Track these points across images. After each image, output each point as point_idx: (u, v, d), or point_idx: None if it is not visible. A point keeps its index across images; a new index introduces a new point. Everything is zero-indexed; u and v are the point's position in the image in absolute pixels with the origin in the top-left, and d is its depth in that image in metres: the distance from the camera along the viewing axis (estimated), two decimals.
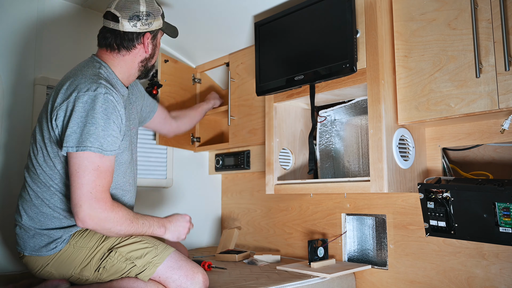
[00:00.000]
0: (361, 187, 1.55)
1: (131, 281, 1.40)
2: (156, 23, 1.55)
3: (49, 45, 2.03)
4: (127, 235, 1.43)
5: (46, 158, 1.42)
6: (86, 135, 1.31)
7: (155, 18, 1.54)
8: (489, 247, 1.52)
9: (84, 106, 1.33)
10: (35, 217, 1.44)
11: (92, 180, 1.31)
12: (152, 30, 1.55)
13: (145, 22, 1.51)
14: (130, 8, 1.49)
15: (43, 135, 1.42)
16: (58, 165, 1.41)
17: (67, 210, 1.44)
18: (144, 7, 1.50)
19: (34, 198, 1.44)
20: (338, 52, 1.60)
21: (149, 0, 1.53)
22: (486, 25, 1.33)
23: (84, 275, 1.43)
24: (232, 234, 2.27)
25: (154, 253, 1.42)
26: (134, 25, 1.49)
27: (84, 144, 1.30)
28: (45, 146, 1.42)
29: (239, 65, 2.26)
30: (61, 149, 1.35)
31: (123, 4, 1.49)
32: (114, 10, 1.49)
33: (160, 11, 1.57)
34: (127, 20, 1.48)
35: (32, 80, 1.95)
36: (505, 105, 1.28)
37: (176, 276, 1.41)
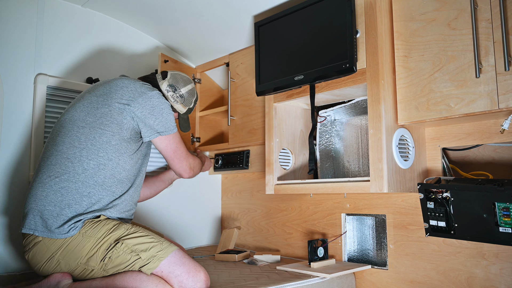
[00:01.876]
0: (361, 187, 1.55)
1: (134, 274, 1.43)
2: (180, 107, 1.83)
3: (49, 45, 2.03)
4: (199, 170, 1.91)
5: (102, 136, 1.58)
6: (170, 121, 1.68)
7: (183, 104, 1.83)
8: (489, 247, 1.52)
9: (160, 100, 1.65)
10: (58, 194, 1.50)
11: (183, 149, 1.78)
12: (172, 106, 1.81)
13: (175, 97, 1.80)
14: (178, 82, 1.82)
15: (95, 111, 1.60)
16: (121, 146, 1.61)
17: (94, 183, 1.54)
18: (185, 91, 1.83)
19: (64, 174, 1.53)
20: (338, 52, 1.60)
21: (191, 92, 1.86)
22: (486, 25, 1.33)
23: (90, 265, 1.47)
24: (232, 234, 2.27)
25: (159, 247, 1.47)
26: (167, 90, 1.79)
27: (171, 129, 1.69)
28: (99, 129, 1.58)
29: (239, 65, 2.26)
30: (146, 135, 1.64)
31: (177, 76, 1.84)
32: (170, 73, 1.83)
33: (191, 105, 1.88)
34: (168, 85, 1.80)
35: (32, 80, 1.95)
36: (505, 105, 1.28)
37: (178, 272, 1.44)
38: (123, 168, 1.61)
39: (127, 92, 1.61)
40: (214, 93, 2.64)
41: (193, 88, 1.87)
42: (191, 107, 1.87)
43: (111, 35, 2.27)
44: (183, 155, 1.77)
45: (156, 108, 1.63)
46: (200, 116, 2.55)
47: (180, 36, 2.33)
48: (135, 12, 2.19)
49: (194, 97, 1.88)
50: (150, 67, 2.41)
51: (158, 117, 1.63)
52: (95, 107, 1.60)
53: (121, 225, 1.53)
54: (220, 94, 2.67)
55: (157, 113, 1.63)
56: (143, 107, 1.60)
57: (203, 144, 2.53)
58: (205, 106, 2.59)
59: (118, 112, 1.58)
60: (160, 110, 1.64)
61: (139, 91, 1.63)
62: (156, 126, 1.63)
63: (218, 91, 2.67)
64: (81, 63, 2.14)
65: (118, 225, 1.52)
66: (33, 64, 1.97)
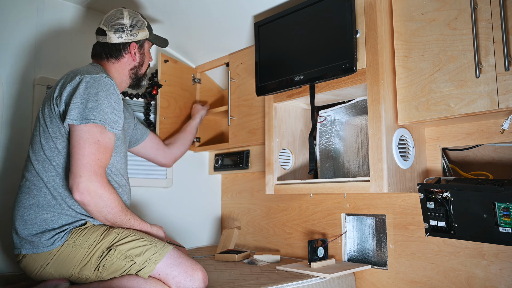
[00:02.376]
0: (361, 187, 1.55)
1: (131, 278, 1.41)
2: (141, 33, 1.72)
3: (49, 45, 2.03)
4: (112, 223, 1.48)
5: (48, 140, 1.48)
6: (90, 109, 1.40)
7: (139, 29, 1.71)
8: (489, 247, 1.52)
9: (87, 85, 1.44)
10: (34, 219, 1.46)
11: (92, 152, 1.39)
12: (138, 40, 1.71)
13: (130, 33, 1.68)
14: (115, 22, 1.67)
15: (45, 120, 1.50)
16: (59, 144, 1.48)
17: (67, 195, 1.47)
18: (128, 20, 1.69)
19: (33, 189, 1.48)
20: (338, 52, 1.60)
21: (132, 13, 1.72)
22: (486, 25, 1.33)
23: (84, 274, 1.44)
24: (232, 234, 2.27)
25: (153, 250, 1.43)
26: (119, 36, 1.67)
27: (87, 117, 1.40)
28: (46, 128, 1.49)
29: (239, 65, 2.26)
30: (63, 122, 1.44)
31: (109, 19, 1.69)
32: (102, 25, 1.69)
33: (145, 23, 1.74)
34: (113, 32, 1.66)
35: (32, 80, 1.95)
36: (505, 105, 1.28)
37: (175, 273, 1.42)
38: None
39: (61, 83, 1.53)
40: (214, 93, 2.64)
41: (127, 11, 1.70)
42: (147, 24, 1.75)
43: None
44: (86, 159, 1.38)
45: (79, 91, 1.43)
46: None
47: (180, 36, 2.33)
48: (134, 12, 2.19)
49: (138, 14, 1.74)
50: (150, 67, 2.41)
51: (77, 102, 1.42)
52: (42, 114, 1.54)
53: (111, 230, 1.48)
54: (220, 94, 2.67)
55: (77, 98, 1.43)
56: (68, 92, 1.46)
57: (203, 144, 2.53)
58: None
59: (51, 109, 1.50)
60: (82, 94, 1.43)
61: (72, 75, 1.51)
62: (71, 111, 1.40)
63: (218, 91, 2.67)
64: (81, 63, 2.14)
65: (108, 230, 1.47)
66: (33, 65, 1.97)
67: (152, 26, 2.31)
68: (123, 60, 1.70)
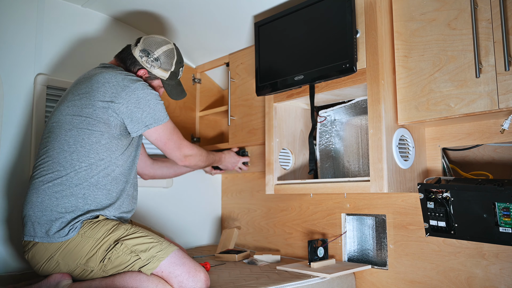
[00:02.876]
0: (361, 187, 1.55)
1: (134, 275, 1.43)
2: (159, 71, 1.73)
3: (49, 45, 2.03)
4: (206, 165, 1.92)
5: (87, 134, 1.55)
6: (159, 112, 1.62)
7: (160, 67, 1.73)
8: (489, 247, 1.52)
9: (143, 92, 1.58)
10: (54, 207, 1.49)
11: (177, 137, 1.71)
12: (150, 72, 1.72)
13: (149, 61, 1.71)
14: (150, 45, 1.72)
15: (80, 112, 1.56)
16: (104, 139, 1.57)
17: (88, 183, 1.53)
18: (159, 53, 1.72)
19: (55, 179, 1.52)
20: (338, 52, 1.60)
21: (168, 54, 1.74)
22: (486, 25, 1.33)
23: (89, 265, 1.47)
24: (232, 234, 2.27)
25: (158, 248, 1.46)
26: (140, 56, 1.70)
27: (161, 119, 1.63)
28: (87, 128, 1.55)
29: (239, 65, 2.26)
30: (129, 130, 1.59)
31: (150, 39, 1.74)
32: (143, 37, 1.74)
33: (172, 68, 1.75)
34: (140, 50, 1.71)
35: (32, 80, 1.95)
36: (505, 105, 1.28)
37: (178, 272, 1.44)
38: (116, 165, 1.59)
39: (109, 88, 1.55)
40: (214, 93, 2.64)
41: (170, 49, 1.74)
42: (173, 70, 1.76)
43: (111, 35, 2.27)
44: (176, 144, 1.70)
45: (141, 100, 1.57)
46: (200, 116, 2.56)
47: (180, 36, 2.33)
48: (135, 12, 2.19)
49: (174, 58, 1.75)
50: None
51: (146, 109, 1.57)
52: (80, 108, 1.56)
53: (121, 225, 1.52)
54: (220, 94, 2.67)
55: (143, 105, 1.57)
56: (128, 101, 1.55)
57: (203, 144, 2.53)
58: (205, 106, 2.59)
59: (103, 111, 1.54)
60: (146, 101, 1.58)
61: (122, 85, 1.56)
62: (144, 118, 1.58)
63: (218, 91, 2.67)
64: (81, 63, 2.14)
65: (117, 225, 1.52)
66: (33, 64, 1.97)
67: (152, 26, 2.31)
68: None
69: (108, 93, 1.55)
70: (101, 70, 1.63)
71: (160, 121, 1.61)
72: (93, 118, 1.54)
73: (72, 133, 1.55)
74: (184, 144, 1.74)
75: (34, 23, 1.99)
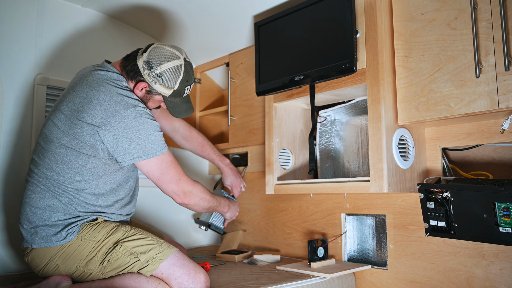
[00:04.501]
0: (361, 187, 1.55)
1: (133, 277, 1.42)
2: (161, 88, 1.56)
3: (49, 45, 2.03)
4: (208, 208, 1.70)
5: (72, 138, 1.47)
6: (151, 144, 1.48)
7: (162, 84, 1.55)
8: (489, 247, 1.52)
9: (134, 121, 1.45)
10: (45, 209, 1.48)
11: (175, 172, 1.56)
12: (151, 86, 1.56)
13: (151, 76, 1.54)
14: (155, 58, 1.53)
15: (69, 131, 1.47)
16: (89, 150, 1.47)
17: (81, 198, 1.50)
18: (163, 69, 1.53)
19: (45, 186, 1.50)
20: (338, 52, 1.60)
21: (173, 71, 1.54)
22: (486, 25, 1.33)
23: (89, 268, 1.46)
24: (237, 236, 2.27)
25: (158, 249, 1.46)
26: (143, 68, 1.54)
27: (152, 152, 1.50)
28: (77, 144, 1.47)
29: (239, 65, 2.26)
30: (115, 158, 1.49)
31: (157, 51, 1.55)
32: (151, 47, 1.56)
33: (175, 86, 1.57)
34: (144, 61, 1.54)
35: (32, 80, 1.95)
36: (505, 105, 1.28)
37: (178, 274, 1.44)
38: (104, 187, 1.54)
39: (99, 112, 1.44)
40: (214, 93, 2.64)
41: (177, 66, 1.55)
42: (176, 89, 1.57)
43: (111, 35, 2.27)
44: (173, 179, 1.54)
45: (131, 130, 1.43)
46: (200, 116, 2.55)
47: (180, 36, 2.33)
48: (135, 12, 2.19)
49: (180, 77, 1.56)
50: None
51: (134, 139, 1.44)
52: (69, 126, 1.47)
53: (120, 227, 1.52)
54: (220, 94, 2.67)
55: (132, 135, 1.43)
56: (116, 129, 1.43)
57: None
58: (205, 106, 2.59)
59: (90, 134, 1.44)
60: (136, 131, 1.44)
61: (113, 110, 1.43)
62: (132, 150, 1.45)
63: (218, 91, 2.67)
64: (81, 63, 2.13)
65: (117, 227, 1.51)
66: (33, 64, 1.97)
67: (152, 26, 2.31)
68: (130, 83, 1.58)
69: (97, 117, 1.44)
70: (99, 85, 1.49)
71: (151, 154, 1.47)
72: (81, 140, 1.45)
73: (61, 151, 1.48)
74: (183, 180, 1.57)
75: (34, 23, 1.99)
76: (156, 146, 1.48)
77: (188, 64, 1.60)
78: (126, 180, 1.62)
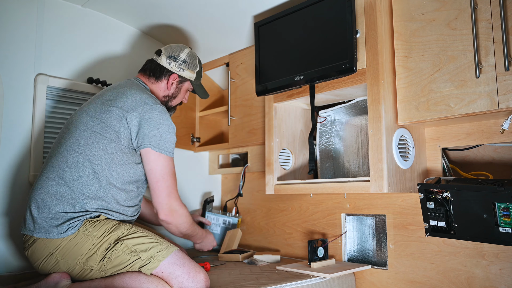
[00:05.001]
0: (361, 187, 1.55)
1: (134, 276, 1.43)
2: (188, 73, 1.82)
3: (49, 45, 2.03)
4: (184, 234, 1.71)
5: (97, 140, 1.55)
6: (166, 142, 1.58)
7: (188, 69, 1.82)
8: (489, 247, 1.52)
9: (160, 115, 1.58)
10: (53, 206, 1.50)
11: (173, 183, 1.61)
12: (181, 75, 1.81)
13: (179, 65, 1.79)
14: (173, 51, 1.81)
15: (97, 115, 1.58)
16: (110, 149, 1.55)
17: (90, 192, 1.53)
18: (184, 56, 1.82)
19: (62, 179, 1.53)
20: (338, 52, 1.60)
21: (192, 55, 1.85)
22: (486, 25, 1.33)
23: (89, 264, 1.47)
24: (236, 235, 2.27)
25: (159, 248, 1.47)
26: (169, 62, 1.79)
27: (165, 150, 1.58)
28: (98, 131, 1.56)
29: (239, 65, 2.26)
30: (134, 145, 1.57)
31: (171, 47, 1.83)
32: (162, 48, 1.82)
33: (197, 68, 1.85)
34: (166, 57, 1.79)
35: (32, 80, 1.95)
36: (505, 105, 1.28)
37: (178, 273, 1.44)
38: (118, 178, 1.56)
39: (130, 101, 1.59)
40: (214, 93, 2.64)
41: (190, 51, 1.85)
42: (198, 70, 1.86)
43: (111, 35, 2.27)
44: (168, 190, 1.57)
45: (154, 120, 1.56)
46: (200, 116, 2.55)
47: (180, 36, 2.33)
48: (135, 12, 2.19)
49: (197, 58, 1.86)
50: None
51: (154, 130, 1.56)
52: (99, 112, 1.59)
53: (121, 225, 1.53)
54: (220, 94, 2.67)
55: (154, 125, 1.56)
56: (142, 116, 1.56)
57: (203, 144, 2.53)
58: (205, 106, 2.59)
59: (117, 119, 1.56)
60: (158, 124, 1.57)
61: (143, 101, 1.59)
62: (151, 138, 1.55)
63: (218, 91, 2.67)
64: (81, 63, 2.14)
65: (118, 225, 1.52)
66: (33, 64, 1.97)
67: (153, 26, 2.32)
68: (160, 84, 1.79)
69: (127, 104, 1.58)
70: (132, 85, 1.69)
71: (163, 150, 1.57)
72: (107, 124, 1.55)
73: (85, 134, 1.56)
74: (174, 195, 1.60)
75: (34, 23, 1.99)
76: (168, 146, 1.59)
77: None
78: (138, 180, 1.63)
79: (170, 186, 1.59)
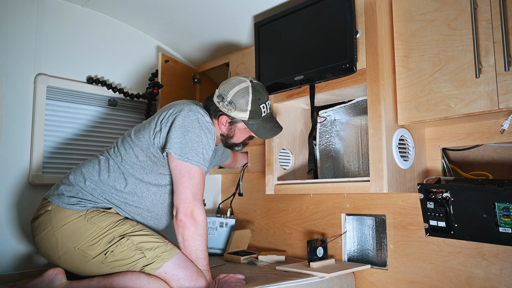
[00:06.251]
0: (361, 187, 1.55)
1: (134, 276, 1.42)
2: (238, 114, 1.64)
3: (49, 45, 2.03)
4: (191, 250, 1.50)
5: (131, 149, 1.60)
6: (190, 150, 1.52)
7: (236, 109, 1.63)
8: (489, 247, 1.52)
9: (190, 123, 1.55)
10: (84, 175, 1.57)
11: (198, 186, 1.53)
12: (231, 116, 1.66)
13: (225, 106, 1.64)
14: (224, 89, 1.66)
15: (139, 135, 1.61)
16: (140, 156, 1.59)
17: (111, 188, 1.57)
18: (232, 95, 1.63)
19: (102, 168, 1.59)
20: (338, 52, 1.60)
21: (242, 93, 1.63)
22: (486, 25, 1.33)
23: (88, 253, 1.46)
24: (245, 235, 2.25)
25: (164, 248, 1.47)
26: (218, 102, 1.66)
27: (187, 158, 1.52)
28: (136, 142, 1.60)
29: (239, 65, 2.26)
30: (162, 150, 1.55)
31: (226, 83, 1.67)
32: (222, 83, 1.70)
33: (248, 108, 1.63)
34: (217, 96, 1.67)
35: (32, 80, 1.95)
36: (504, 105, 1.28)
37: (181, 275, 1.44)
38: (142, 193, 1.59)
39: (169, 114, 1.59)
40: None
41: (243, 88, 1.63)
42: (251, 110, 1.63)
43: (111, 35, 2.27)
44: (193, 190, 1.51)
45: (182, 128, 1.52)
46: None
47: (180, 36, 2.33)
48: (135, 12, 2.19)
49: (249, 97, 1.62)
50: (151, 67, 2.41)
51: (179, 136, 1.51)
52: (148, 123, 1.63)
53: (127, 220, 1.53)
54: None
55: (180, 132, 1.52)
56: (174, 123, 1.53)
57: None
58: None
59: (154, 126, 1.58)
60: (186, 132, 1.52)
61: (180, 108, 1.58)
62: (174, 144, 1.50)
63: None
64: (81, 63, 2.14)
65: (124, 219, 1.53)
66: (33, 64, 1.97)
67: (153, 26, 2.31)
68: (216, 122, 1.69)
69: (167, 115, 1.58)
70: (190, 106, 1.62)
71: (184, 158, 1.50)
72: (146, 130, 1.59)
73: (127, 139, 1.63)
74: (199, 201, 1.51)
75: (34, 23, 1.99)
76: (193, 155, 1.52)
77: (257, 84, 1.67)
78: (164, 194, 1.63)
79: (196, 187, 1.52)
